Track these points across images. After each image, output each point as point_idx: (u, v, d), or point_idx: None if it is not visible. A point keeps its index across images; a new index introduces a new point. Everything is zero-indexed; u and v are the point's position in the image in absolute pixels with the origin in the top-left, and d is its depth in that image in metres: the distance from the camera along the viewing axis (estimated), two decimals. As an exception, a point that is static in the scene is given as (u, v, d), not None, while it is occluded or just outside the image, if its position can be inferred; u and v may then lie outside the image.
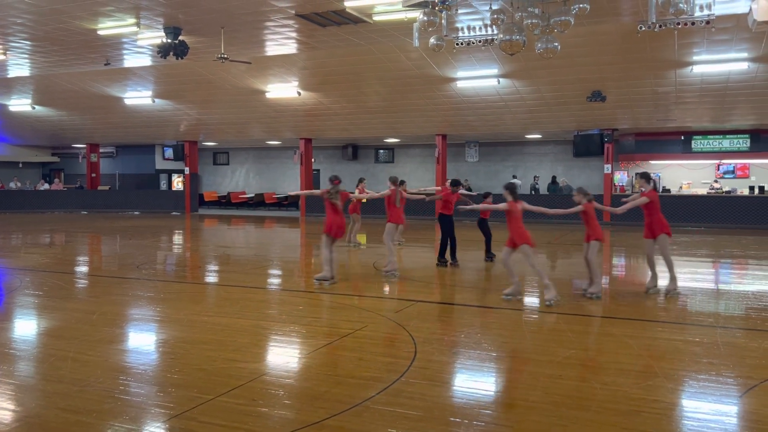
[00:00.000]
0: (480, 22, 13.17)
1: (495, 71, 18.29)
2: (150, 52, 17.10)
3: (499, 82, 18.79)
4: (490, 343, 6.38)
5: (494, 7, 9.84)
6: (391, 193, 10.61)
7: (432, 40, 10.51)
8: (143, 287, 9.50)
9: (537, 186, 24.93)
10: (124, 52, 17.28)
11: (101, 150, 31.42)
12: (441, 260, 11.41)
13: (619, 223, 20.33)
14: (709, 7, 10.96)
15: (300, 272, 11.15)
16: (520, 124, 22.24)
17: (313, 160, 28.13)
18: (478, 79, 18.82)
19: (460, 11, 12.55)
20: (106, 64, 18.47)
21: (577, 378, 5.10)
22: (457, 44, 13.35)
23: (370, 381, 5.05)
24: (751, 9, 11.70)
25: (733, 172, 22.73)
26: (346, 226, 9.76)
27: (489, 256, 11.95)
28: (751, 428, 4.17)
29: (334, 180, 9.36)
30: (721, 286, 10.21)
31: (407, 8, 11.63)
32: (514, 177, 25.97)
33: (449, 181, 11.98)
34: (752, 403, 4.62)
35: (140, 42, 15.77)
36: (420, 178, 28.49)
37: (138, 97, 23.32)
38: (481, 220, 12.09)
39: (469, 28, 13.24)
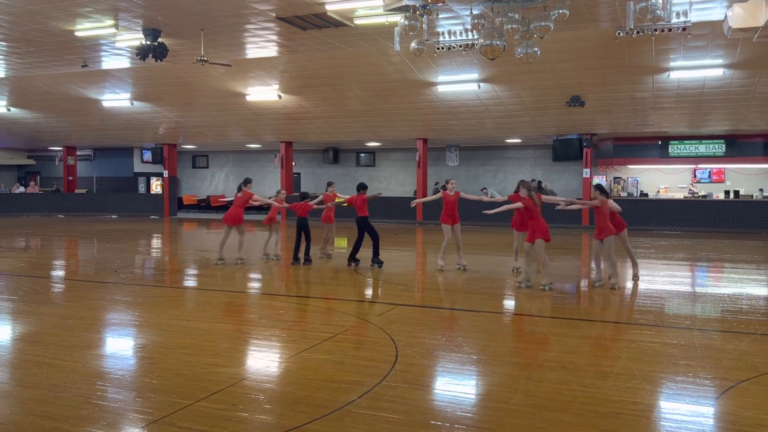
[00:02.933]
0: (461, 27, 13.25)
1: (475, 76, 18.39)
2: (128, 54, 16.93)
3: (479, 87, 18.89)
4: (471, 347, 6.40)
5: (475, 12, 9.89)
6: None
7: (413, 45, 10.54)
8: (121, 291, 9.38)
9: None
10: (102, 53, 17.09)
11: (78, 153, 31.02)
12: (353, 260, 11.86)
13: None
14: (685, 14, 11.15)
15: (281, 276, 11.09)
16: (500, 128, 22.38)
17: (293, 163, 28.04)
18: (458, 83, 18.91)
19: (440, 16, 12.61)
20: (83, 66, 18.25)
21: (557, 380, 5.13)
22: (438, 49, 13.40)
23: (351, 385, 5.03)
24: (726, 16, 11.91)
25: (708, 176, 23.08)
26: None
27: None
28: (727, 429, 4.23)
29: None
30: (698, 289, 10.36)
31: (388, 12, 11.64)
32: (485, 189, 26.15)
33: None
34: (729, 404, 4.68)
35: (118, 44, 15.61)
36: (401, 182, 28.57)
37: (116, 100, 23.07)
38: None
39: (449, 32, 13.31)
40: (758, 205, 20.69)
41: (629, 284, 10.00)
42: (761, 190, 21.80)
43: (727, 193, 21.82)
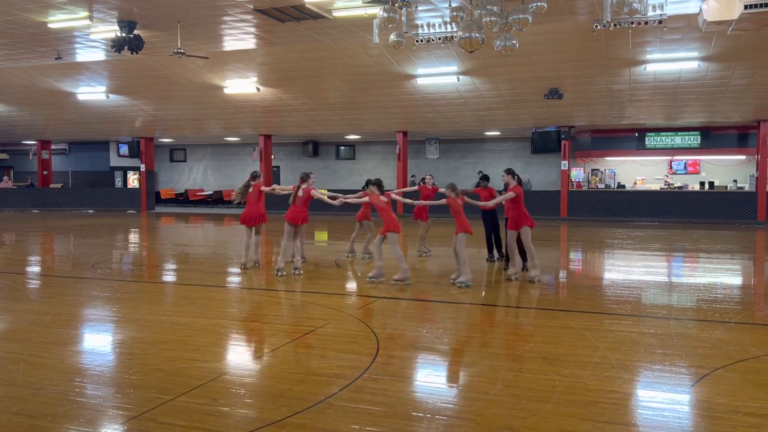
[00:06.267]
0: (440, 20, 13.24)
1: (455, 68, 18.42)
2: (104, 47, 16.69)
3: (458, 80, 18.93)
4: (452, 338, 6.44)
5: (454, 5, 9.90)
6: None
7: (392, 37, 10.52)
8: (98, 287, 9.27)
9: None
10: (77, 46, 16.82)
11: (53, 147, 30.55)
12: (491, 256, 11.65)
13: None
14: (661, 7, 11.24)
15: (261, 270, 11.04)
16: (480, 121, 22.46)
17: (273, 156, 27.88)
18: (438, 76, 18.92)
19: (419, 8, 12.61)
20: (57, 59, 17.95)
21: (537, 371, 5.18)
22: (417, 41, 13.39)
23: (333, 378, 5.03)
24: (701, 9, 12.06)
25: (684, 168, 23.40)
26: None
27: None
28: (703, 416, 4.31)
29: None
30: (674, 279, 10.51)
31: (367, 4, 11.63)
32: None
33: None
34: (704, 391, 4.77)
35: (93, 36, 15.38)
36: (381, 175, 28.53)
37: (91, 93, 22.73)
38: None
39: (428, 25, 13.29)
40: (732, 195, 21.05)
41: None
42: (735, 181, 22.17)
43: (702, 184, 22.16)
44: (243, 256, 10.71)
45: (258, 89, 21.07)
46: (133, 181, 31.72)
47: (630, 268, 11.37)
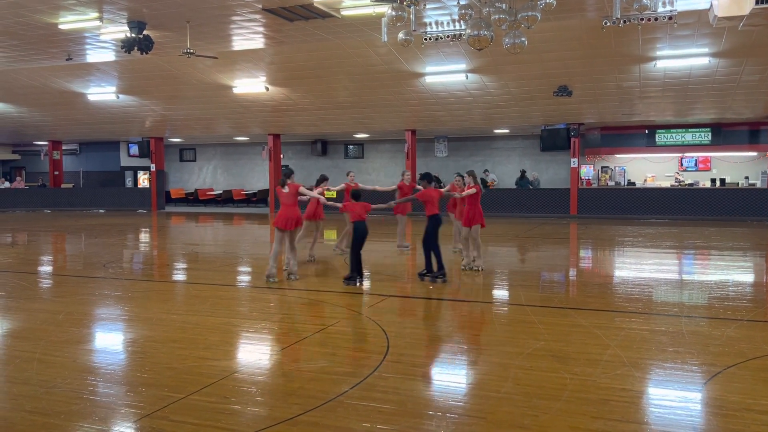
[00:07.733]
0: (448, 18, 13.20)
1: (463, 66, 18.37)
2: (113, 47, 16.77)
3: (467, 78, 18.88)
4: (461, 336, 6.44)
5: (462, 3, 9.88)
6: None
7: (400, 35, 10.52)
8: (110, 286, 9.34)
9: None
10: (87, 47, 16.92)
11: (64, 147, 30.74)
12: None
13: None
14: (671, 2, 11.16)
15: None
16: (488, 119, 22.41)
17: (282, 156, 27.94)
18: (446, 74, 18.88)
19: (428, 6, 12.59)
20: (67, 60, 18.06)
21: (548, 369, 5.17)
22: (426, 39, 13.35)
23: (343, 376, 5.05)
24: (711, 5, 11.98)
25: (695, 165, 23.25)
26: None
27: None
28: (715, 414, 4.29)
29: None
30: (685, 277, 10.46)
31: (375, 3, 11.62)
32: (486, 171, 26.14)
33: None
34: (716, 389, 4.74)
35: (103, 36, 15.46)
36: (391, 174, 28.52)
37: (102, 93, 22.84)
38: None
39: (437, 23, 13.27)
40: (743, 192, 20.90)
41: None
42: (747, 177, 22.00)
43: (713, 181, 22.00)
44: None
45: (267, 89, 21.11)
46: (143, 180, 31.88)
47: (641, 266, 11.31)
